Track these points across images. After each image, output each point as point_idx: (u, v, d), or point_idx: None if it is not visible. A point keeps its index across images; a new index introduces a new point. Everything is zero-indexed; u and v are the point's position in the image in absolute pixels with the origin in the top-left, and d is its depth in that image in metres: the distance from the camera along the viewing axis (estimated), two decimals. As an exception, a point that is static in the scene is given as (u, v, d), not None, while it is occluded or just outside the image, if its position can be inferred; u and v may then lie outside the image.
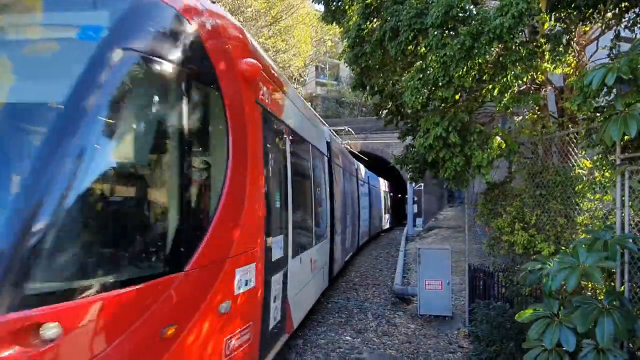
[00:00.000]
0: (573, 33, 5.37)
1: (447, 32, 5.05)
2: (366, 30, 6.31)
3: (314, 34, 30.34)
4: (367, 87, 6.93)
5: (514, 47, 5.05)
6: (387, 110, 7.55)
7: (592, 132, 4.19)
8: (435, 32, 4.95)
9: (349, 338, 7.25)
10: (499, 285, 6.69)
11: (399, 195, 39.07)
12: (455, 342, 7.07)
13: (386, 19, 5.68)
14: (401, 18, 5.33)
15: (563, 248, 4.49)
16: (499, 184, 6.18)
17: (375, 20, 6.37)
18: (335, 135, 13.37)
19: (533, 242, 5.06)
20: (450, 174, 5.41)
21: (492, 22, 4.53)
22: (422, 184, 22.37)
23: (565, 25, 5.26)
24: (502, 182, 6.27)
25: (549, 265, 3.70)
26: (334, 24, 7.82)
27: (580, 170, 4.75)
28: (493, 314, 5.41)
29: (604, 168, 4.11)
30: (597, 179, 4.29)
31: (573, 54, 5.58)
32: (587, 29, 5.93)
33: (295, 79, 31.96)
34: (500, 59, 5.08)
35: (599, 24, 5.41)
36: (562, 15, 5.14)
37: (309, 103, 27.13)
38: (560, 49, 4.97)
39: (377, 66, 6.51)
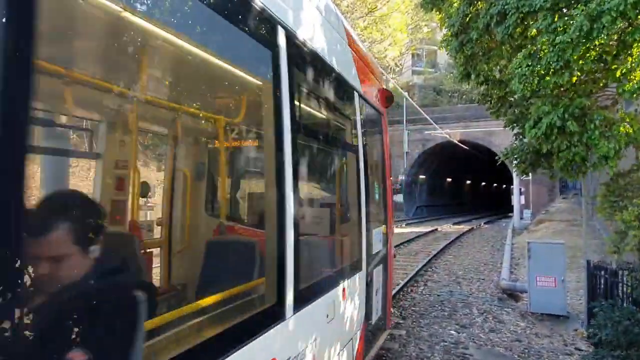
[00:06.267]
0: None
1: (559, 13, 4.68)
2: (470, 16, 6.07)
3: (409, 21, 29.65)
4: (473, 77, 6.66)
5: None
6: (494, 100, 7.18)
7: None
8: (546, 15, 4.61)
9: (453, 332, 7.11)
10: (624, 284, 6.10)
11: (504, 186, 37.29)
12: (571, 344, 6.60)
13: (492, 3, 5.42)
14: (508, 1, 5.05)
15: None
16: (625, 174, 5.61)
17: (479, 3, 6.09)
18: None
19: (666, 238, 4.54)
20: (567, 165, 5.02)
21: None
22: (530, 174, 20.93)
23: None
24: (629, 171, 5.68)
25: None
26: (434, 10, 7.60)
27: None
28: (618, 316, 4.97)
29: None
30: None
31: None
32: None
33: (391, 68, 31.59)
34: (622, 37, 4.57)
35: None
36: None
37: (406, 92, 26.60)
38: None
39: (482, 53, 6.24)
